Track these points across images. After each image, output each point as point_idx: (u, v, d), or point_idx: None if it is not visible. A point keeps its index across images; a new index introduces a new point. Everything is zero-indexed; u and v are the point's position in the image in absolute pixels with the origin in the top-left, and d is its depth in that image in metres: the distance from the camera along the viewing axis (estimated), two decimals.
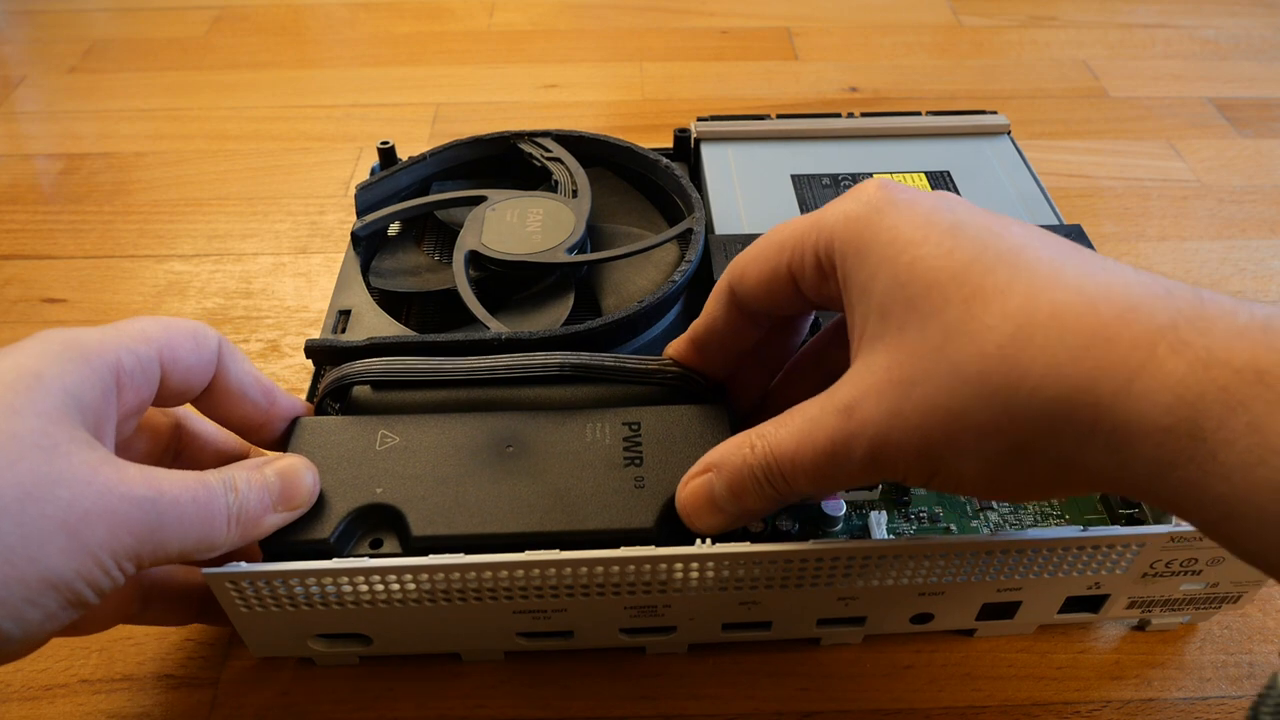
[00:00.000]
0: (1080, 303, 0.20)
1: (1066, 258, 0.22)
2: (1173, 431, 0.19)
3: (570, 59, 0.69)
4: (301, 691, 0.32)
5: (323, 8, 0.76)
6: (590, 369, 0.31)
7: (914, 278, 0.22)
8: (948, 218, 0.23)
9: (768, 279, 0.27)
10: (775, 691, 0.32)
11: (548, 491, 0.28)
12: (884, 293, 0.23)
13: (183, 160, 0.58)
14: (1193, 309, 0.20)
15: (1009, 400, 0.20)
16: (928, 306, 0.22)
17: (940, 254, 0.22)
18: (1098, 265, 0.21)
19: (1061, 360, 0.20)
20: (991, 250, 0.22)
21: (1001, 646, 0.33)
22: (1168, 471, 0.19)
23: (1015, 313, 0.21)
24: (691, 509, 0.27)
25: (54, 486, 0.21)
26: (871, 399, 0.22)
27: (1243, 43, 0.70)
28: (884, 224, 0.23)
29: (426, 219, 0.43)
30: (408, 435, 0.30)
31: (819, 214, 0.25)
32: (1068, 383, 0.20)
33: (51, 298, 0.48)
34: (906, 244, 0.23)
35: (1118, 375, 0.19)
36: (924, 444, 0.22)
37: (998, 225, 0.23)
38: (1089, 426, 0.20)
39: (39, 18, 0.74)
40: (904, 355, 0.22)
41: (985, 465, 0.22)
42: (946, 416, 0.21)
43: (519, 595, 0.28)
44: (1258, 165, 0.58)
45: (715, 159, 0.45)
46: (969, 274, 0.21)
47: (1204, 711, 0.31)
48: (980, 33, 0.72)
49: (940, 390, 0.21)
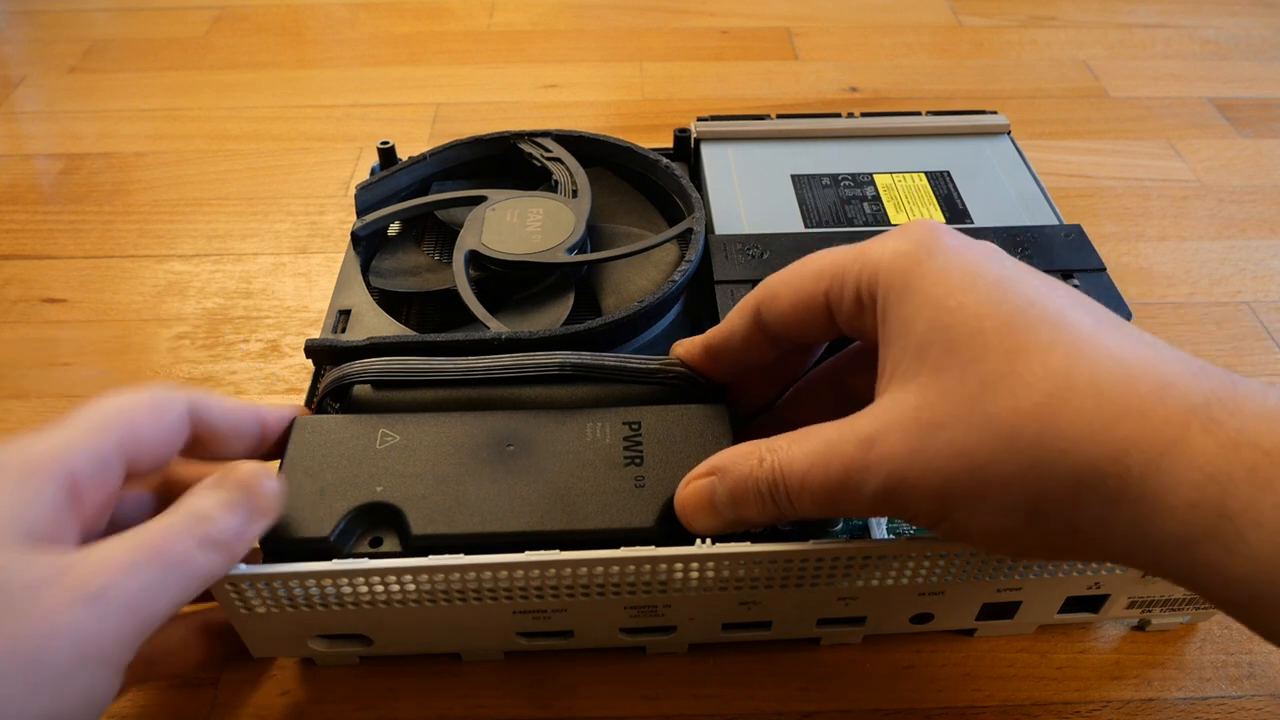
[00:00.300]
0: (1119, 373, 0.21)
1: (1108, 327, 0.22)
2: (1199, 508, 0.19)
3: (570, 59, 0.69)
4: (301, 691, 0.32)
5: (323, 8, 0.76)
6: (591, 368, 0.31)
7: (958, 322, 0.22)
8: (997, 270, 0.23)
9: (803, 304, 0.27)
10: (775, 691, 0.32)
11: (548, 491, 0.28)
12: (925, 332, 0.23)
13: (183, 160, 0.58)
14: (1225, 390, 0.20)
15: (1038, 458, 0.21)
16: (968, 353, 0.22)
17: (987, 304, 0.22)
18: (1136, 338, 0.22)
19: (1096, 427, 0.20)
20: (1037, 308, 0.22)
21: (1001, 646, 0.33)
22: (1191, 549, 0.19)
23: (1055, 373, 0.21)
24: (690, 509, 0.27)
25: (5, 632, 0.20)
26: (896, 434, 0.23)
27: (1243, 43, 0.70)
28: (934, 265, 0.24)
29: (426, 219, 0.43)
30: (408, 434, 0.30)
31: (863, 247, 0.26)
32: (1100, 450, 0.20)
33: (51, 298, 0.48)
34: (954, 289, 0.23)
35: (1150, 449, 0.20)
36: (942, 487, 0.22)
37: (1044, 286, 0.23)
38: (1115, 496, 0.20)
39: (39, 18, 0.74)
40: (936, 397, 0.22)
41: (1001, 519, 0.22)
42: (971, 464, 0.21)
43: (519, 595, 0.28)
44: (1258, 165, 0.58)
45: (715, 159, 0.45)
46: (1013, 327, 0.22)
47: (1204, 711, 0.31)
48: (980, 33, 0.72)
49: (970, 437, 0.21)
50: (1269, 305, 0.47)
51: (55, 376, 0.43)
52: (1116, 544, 0.21)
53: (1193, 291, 0.48)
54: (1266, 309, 0.47)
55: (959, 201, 0.42)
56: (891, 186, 0.43)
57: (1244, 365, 0.44)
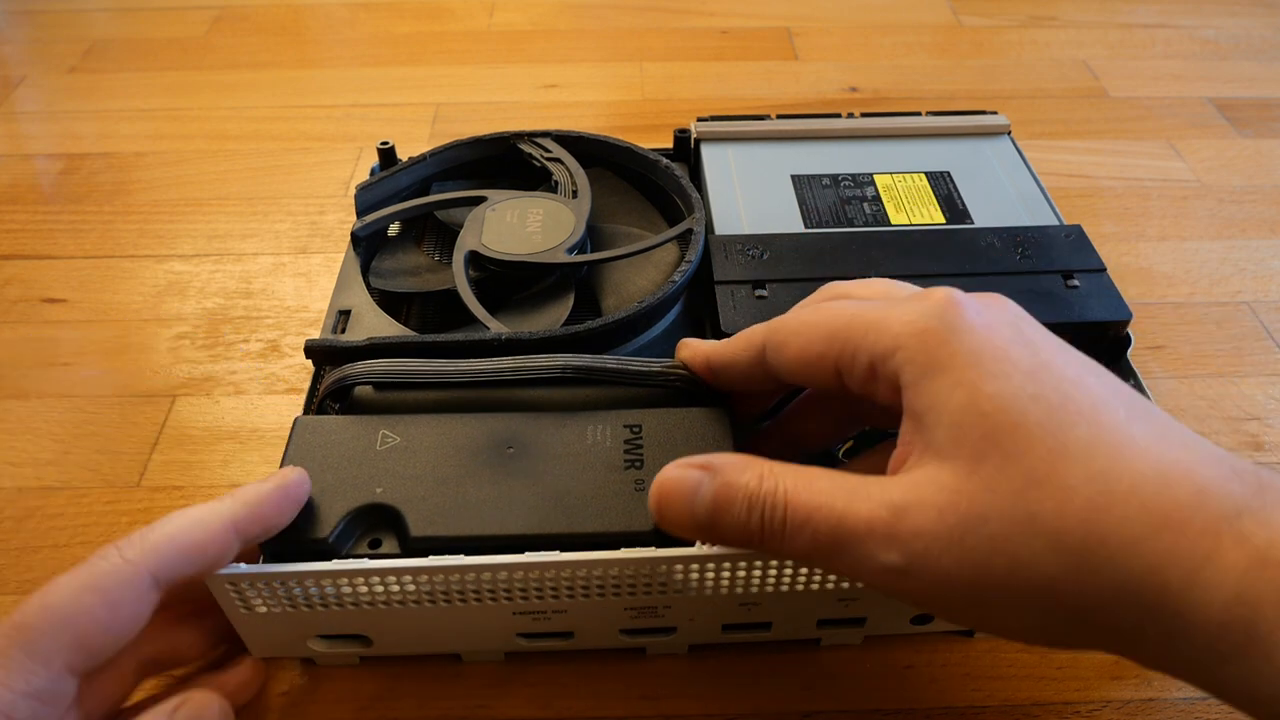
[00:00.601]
0: (1156, 479, 0.21)
1: (1140, 421, 0.22)
2: (1229, 627, 0.19)
3: (570, 59, 0.69)
4: (301, 691, 0.32)
5: (323, 8, 0.76)
6: (593, 370, 0.31)
7: (997, 410, 0.22)
8: (1029, 356, 0.23)
9: (811, 363, 0.26)
10: (775, 691, 0.32)
11: (547, 493, 0.28)
12: (960, 413, 0.22)
13: (183, 160, 0.58)
14: (1256, 497, 0.21)
15: (1083, 563, 0.21)
16: (1011, 446, 0.22)
17: (1025, 395, 0.22)
18: (1167, 432, 0.22)
19: (1138, 536, 0.20)
20: (1074, 403, 0.22)
21: (1001, 646, 0.33)
22: (1220, 664, 0.20)
23: (1097, 477, 0.21)
24: (666, 499, 0.25)
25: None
26: (932, 514, 0.22)
27: (1243, 43, 0.70)
28: (963, 345, 0.23)
29: (426, 219, 0.43)
30: (408, 435, 0.30)
31: (879, 318, 0.25)
32: (1141, 561, 0.20)
33: (51, 298, 0.48)
34: (990, 375, 0.22)
35: (1187, 562, 0.20)
36: (977, 580, 0.22)
37: (1074, 372, 0.23)
38: (1152, 607, 0.20)
39: (39, 18, 0.74)
40: (977, 487, 0.22)
41: (1039, 619, 0.22)
42: (1014, 562, 0.21)
43: (519, 596, 0.28)
44: (1258, 165, 0.58)
45: (715, 159, 0.45)
46: (1053, 424, 0.22)
47: (1204, 711, 0.31)
48: (980, 33, 0.72)
49: (1014, 535, 0.21)
50: (1269, 305, 0.47)
51: (55, 376, 0.43)
52: (1148, 650, 0.21)
53: (1193, 291, 0.48)
54: (1266, 309, 0.47)
55: (959, 201, 0.42)
56: (891, 187, 0.43)
57: (1244, 365, 0.44)
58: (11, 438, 0.41)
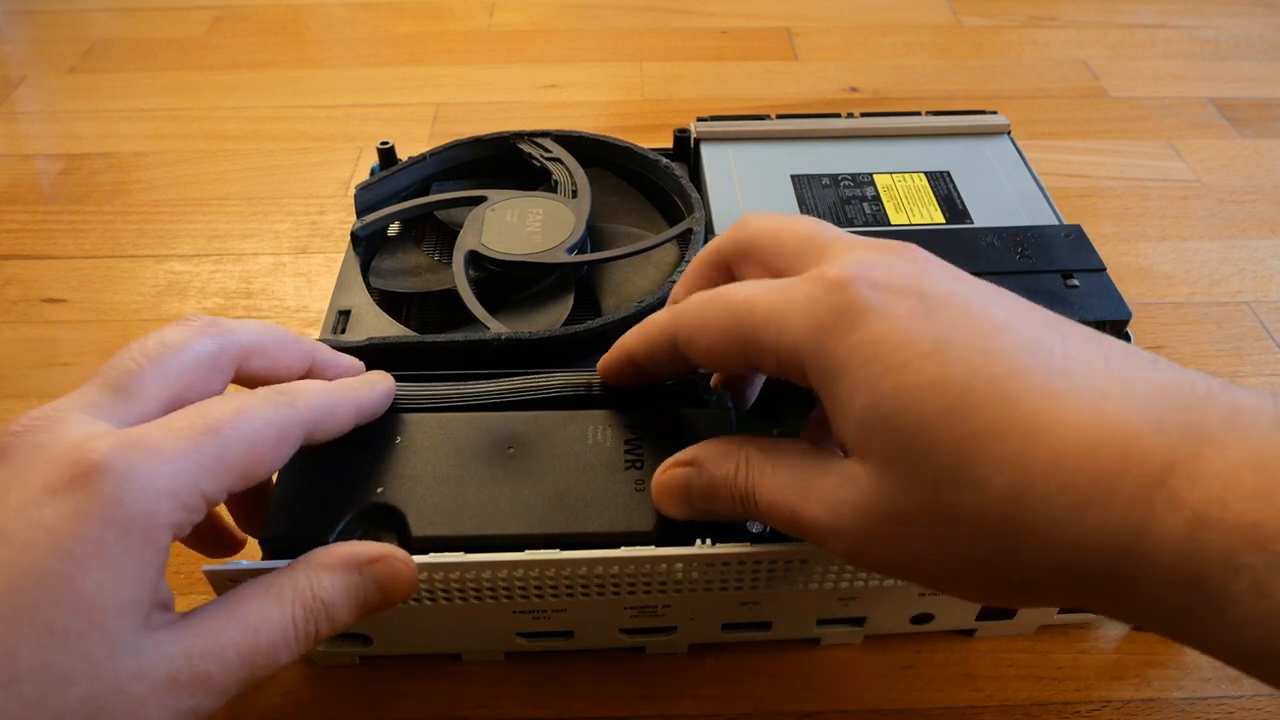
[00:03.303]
0: (1076, 451, 0.20)
1: (1058, 377, 0.21)
2: (1177, 586, 0.19)
3: (570, 59, 0.69)
4: (302, 691, 0.32)
5: (323, 8, 0.76)
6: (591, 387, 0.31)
7: (896, 410, 0.21)
8: (928, 333, 0.21)
9: (722, 358, 0.26)
10: (775, 691, 0.32)
11: (548, 493, 0.28)
12: (864, 413, 0.22)
13: (183, 160, 0.58)
14: (1183, 442, 0.19)
15: (1011, 550, 0.20)
16: (916, 445, 0.21)
17: (925, 384, 0.21)
18: (1088, 379, 0.21)
19: (1062, 519, 0.20)
20: (980, 379, 0.21)
21: (1001, 646, 0.33)
22: (1176, 620, 0.20)
23: (1012, 462, 0.20)
24: (665, 495, 0.27)
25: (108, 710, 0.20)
26: (859, 515, 0.22)
27: (1243, 43, 0.70)
28: (857, 340, 0.22)
29: (426, 219, 0.43)
30: (409, 435, 0.30)
31: (778, 307, 0.24)
32: (1071, 540, 0.20)
33: (51, 298, 0.48)
34: (887, 369, 0.21)
35: (1120, 536, 0.19)
36: (917, 568, 0.23)
37: (985, 339, 0.21)
38: (1092, 578, 0.20)
39: (39, 18, 0.74)
40: (893, 489, 0.21)
41: (986, 590, 0.22)
42: (945, 554, 0.21)
43: (519, 595, 0.28)
44: (1258, 165, 0.58)
45: (715, 159, 0.45)
46: (958, 411, 0.21)
47: (1204, 711, 0.31)
48: (980, 33, 0.72)
49: (937, 533, 0.21)
50: (1269, 305, 0.47)
51: (55, 376, 0.43)
52: (1105, 608, 0.21)
53: (1193, 291, 0.48)
54: (1266, 309, 0.47)
55: (959, 202, 0.42)
56: (891, 187, 0.43)
57: (1244, 365, 0.44)
58: None
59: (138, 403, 0.24)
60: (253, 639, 0.22)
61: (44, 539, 0.20)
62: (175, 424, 0.23)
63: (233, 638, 0.22)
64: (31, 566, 0.20)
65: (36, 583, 0.20)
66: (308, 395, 0.26)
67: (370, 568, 0.25)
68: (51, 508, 0.20)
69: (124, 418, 0.23)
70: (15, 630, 0.19)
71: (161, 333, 0.25)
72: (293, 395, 0.25)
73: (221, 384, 0.26)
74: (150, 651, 0.21)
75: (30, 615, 0.19)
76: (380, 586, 0.25)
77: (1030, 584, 0.21)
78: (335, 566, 0.24)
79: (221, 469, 0.23)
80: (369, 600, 0.25)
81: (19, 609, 0.19)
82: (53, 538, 0.20)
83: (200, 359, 0.25)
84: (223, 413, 0.23)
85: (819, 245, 0.25)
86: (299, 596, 0.24)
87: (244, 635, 0.22)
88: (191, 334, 0.25)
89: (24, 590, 0.19)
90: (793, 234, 0.26)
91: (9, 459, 0.21)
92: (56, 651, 0.19)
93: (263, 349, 0.27)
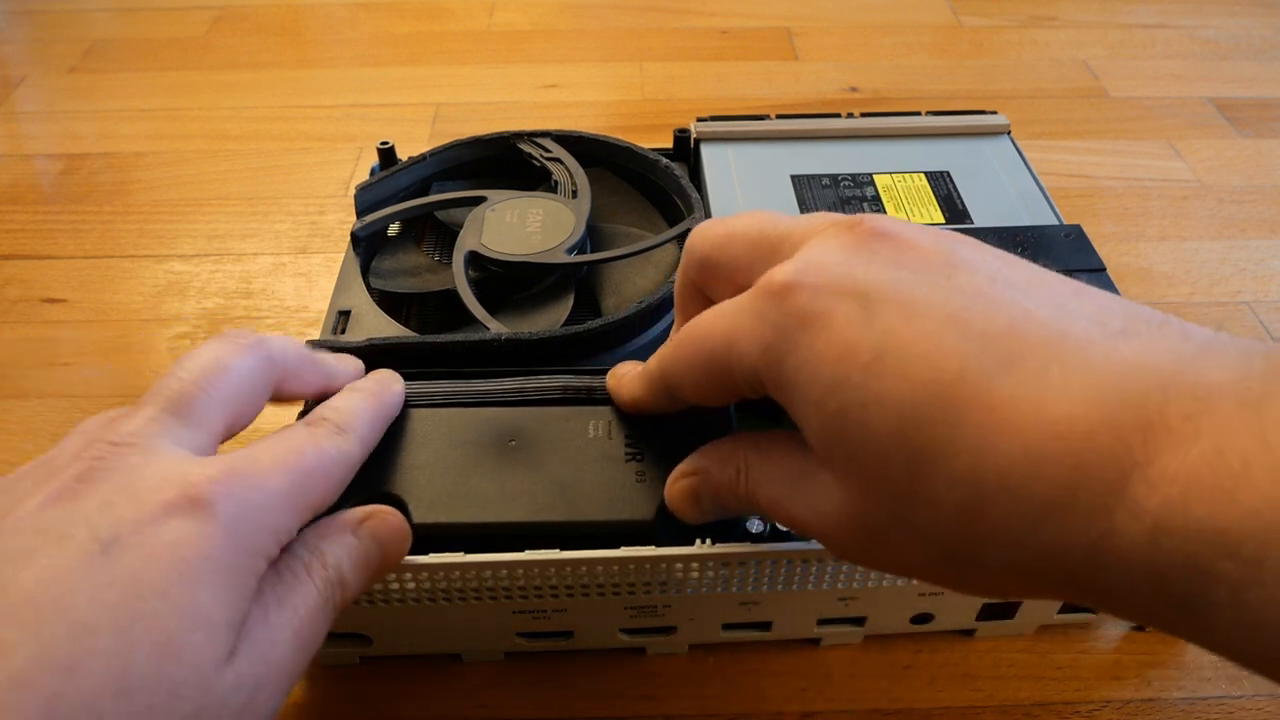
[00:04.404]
0: (1025, 465, 0.19)
1: (1010, 371, 0.19)
2: (1154, 594, 0.18)
3: (570, 59, 0.69)
4: (301, 691, 0.32)
5: (323, 8, 0.76)
6: (593, 390, 0.31)
7: (844, 430, 0.21)
8: (866, 339, 0.20)
9: (709, 396, 0.26)
10: (775, 691, 0.32)
11: (549, 483, 0.28)
12: (820, 433, 0.22)
13: (183, 160, 0.58)
14: (1143, 441, 0.18)
15: (975, 560, 0.20)
16: (869, 462, 0.21)
17: (867, 401, 0.20)
18: (1043, 374, 0.19)
19: (1019, 532, 0.19)
20: (924, 391, 0.20)
21: (1001, 646, 0.33)
22: (1165, 622, 0.19)
23: (961, 479, 0.19)
24: (678, 507, 0.27)
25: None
26: (839, 523, 0.22)
27: (1243, 43, 0.70)
28: (801, 359, 0.21)
29: (426, 219, 0.43)
30: (411, 428, 0.30)
31: (732, 330, 0.23)
32: (1033, 550, 0.19)
33: (51, 298, 0.48)
34: (830, 388, 0.21)
35: (1080, 546, 0.18)
36: (899, 566, 0.23)
37: (926, 341, 0.20)
38: (1065, 581, 0.19)
39: (39, 18, 0.74)
40: (859, 500, 0.22)
41: (972, 589, 0.23)
42: (921, 563, 0.22)
43: (519, 595, 0.28)
44: (1258, 165, 0.58)
45: (715, 159, 0.45)
46: (904, 427, 0.20)
47: (1204, 711, 0.31)
48: (980, 33, 0.72)
49: (909, 545, 0.21)
50: (1269, 305, 0.47)
51: (55, 376, 0.43)
52: (1087, 601, 0.20)
53: (1193, 291, 0.48)
54: (1266, 309, 0.47)
55: (959, 202, 0.42)
56: (891, 187, 0.43)
57: None
58: (11, 438, 0.41)
59: (203, 430, 0.24)
60: (298, 623, 0.23)
61: (166, 554, 0.20)
62: (268, 458, 0.23)
63: (287, 627, 0.22)
64: (152, 579, 0.20)
65: (157, 595, 0.20)
66: (358, 427, 0.27)
67: (363, 526, 0.25)
68: (172, 526, 0.21)
69: (194, 445, 0.23)
70: (134, 640, 0.19)
71: (212, 351, 0.25)
72: (348, 428, 0.26)
73: (263, 403, 0.26)
74: (243, 668, 0.21)
75: (149, 626, 0.19)
76: (377, 540, 0.25)
77: (1007, 585, 0.21)
78: (331, 533, 0.25)
79: (305, 505, 0.24)
80: (371, 557, 0.25)
81: (138, 618, 0.19)
82: (174, 553, 0.20)
83: (252, 380, 0.25)
84: (305, 449, 0.24)
85: (769, 245, 0.24)
86: (313, 569, 0.24)
87: (293, 629, 0.23)
88: (241, 353, 0.25)
89: (144, 600, 0.20)
90: (742, 241, 0.25)
91: (109, 476, 0.21)
92: (171, 663, 0.20)
93: (298, 371, 0.27)
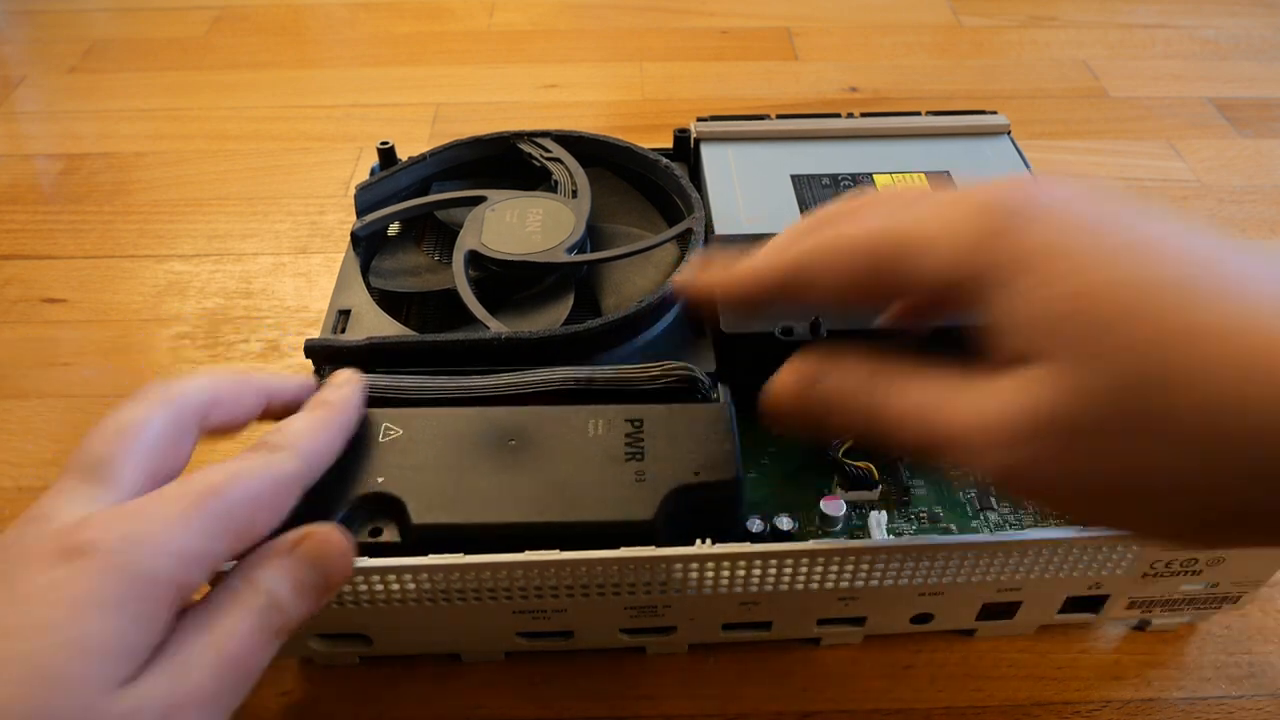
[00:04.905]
0: (1271, 350, 0.18)
1: (1244, 282, 0.19)
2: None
3: (570, 59, 0.69)
4: (301, 691, 0.32)
5: (323, 8, 0.76)
6: (594, 381, 0.31)
7: (1079, 310, 0.20)
8: (1102, 239, 0.20)
9: (849, 295, 0.24)
10: (775, 691, 0.32)
11: (548, 482, 0.28)
12: (1039, 318, 0.20)
13: (183, 160, 0.58)
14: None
15: (1218, 460, 0.18)
16: (1101, 347, 0.19)
17: (1108, 283, 0.19)
18: (1271, 287, 0.19)
19: (1273, 417, 0.17)
20: (1164, 282, 0.19)
21: (1001, 646, 0.33)
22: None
23: (1212, 362, 0.18)
24: (779, 402, 0.25)
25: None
26: (1025, 423, 0.20)
27: (1243, 43, 0.70)
28: (1030, 244, 0.21)
29: (426, 219, 0.43)
30: (410, 428, 0.30)
31: (920, 231, 0.22)
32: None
33: (51, 298, 0.48)
34: (1063, 271, 0.20)
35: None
36: (1086, 491, 0.20)
37: (1156, 246, 0.20)
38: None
39: (39, 18, 0.74)
40: (1072, 393, 0.19)
41: (1171, 523, 0.20)
42: (1130, 473, 0.19)
43: (519, 595, 0.28)
44: (1258, 165, 0.58)
45: (715, 159, 0.45)
46: (1145, 311, 0.19)
47: (1204, 711, 0.31)
48: (980, 33, 0.72)
49: (1123, 446, 0.19)
50: None
51: (55, 376, 0.43)
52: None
53: None
54: None
55: None
56: (891, 186, 0.43)
57: None
58: (11, 438, 0.41)
59: (118, 488, 0.24)
60: (220, 647, 0.22)
61: (53, 594, 0.21)
62: (169, 492, 0.23)
63: (206, 651, 0.22)
64: (38, 619, 0.20)
65: (39, 632, 0.20)
66: (298, 444, 0.26)
67: (297, 549, 0.25)
68: (60, 571, 0.21)
69: (109, 502, 0.23)
70: (12, 677, 0.20)
71: (125, 412, 0.25)
72: (284, 445, 0.26)
73: (191, 445, 0.26)
74: (145, 693, 0.21)
75: (31, 661, 0.20)
76: (312, 562, 0.25)
77: (1230, 511, 0.19)
78: (265, 559, 0.24)
79: (220, 528, 0.23)
80: (306, 579, 0.24)
81: (19, 658, 0.20)
82: (58, 592, 0.21)
83: (166, 429, 0.25)
84: (217, 476, 0.24)
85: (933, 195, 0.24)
86: (241, 594, 0.23)
87: (215, 654, 0.22)
88: (149, 407, 0.25)
89: (27, 639, 0.20)
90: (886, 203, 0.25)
91: (4, 553, 0.22)
92: (49, 693, 0.20)
93: (218, 400, 0.27)
